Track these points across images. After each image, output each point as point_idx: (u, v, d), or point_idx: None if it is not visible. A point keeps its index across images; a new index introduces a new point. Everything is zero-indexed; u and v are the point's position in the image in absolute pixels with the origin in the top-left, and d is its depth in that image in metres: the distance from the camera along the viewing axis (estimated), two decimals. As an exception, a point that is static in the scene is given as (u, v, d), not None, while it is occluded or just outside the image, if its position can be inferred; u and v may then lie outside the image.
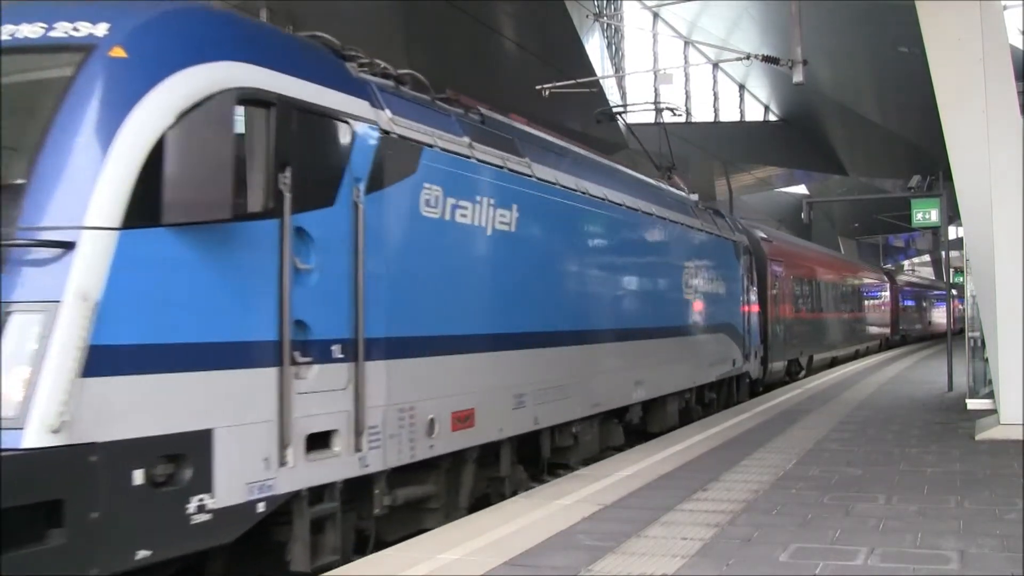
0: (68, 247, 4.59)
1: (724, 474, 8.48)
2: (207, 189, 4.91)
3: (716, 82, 42.82)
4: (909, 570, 5.24)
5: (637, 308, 11.76)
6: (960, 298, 25.13)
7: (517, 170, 8.60)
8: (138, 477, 4.67)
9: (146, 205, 4.84)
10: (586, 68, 23.14)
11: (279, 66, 5.79)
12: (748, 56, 17.13)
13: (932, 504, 7.04)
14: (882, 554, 5.56)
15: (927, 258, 73.40)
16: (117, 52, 5.03)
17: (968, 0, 10.73)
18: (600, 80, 24.78)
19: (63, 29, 5.13)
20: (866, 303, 35.32)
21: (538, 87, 16.90)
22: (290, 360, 5.59)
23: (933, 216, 20.84)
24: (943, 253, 24.35)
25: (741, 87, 44.38)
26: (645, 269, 12.24)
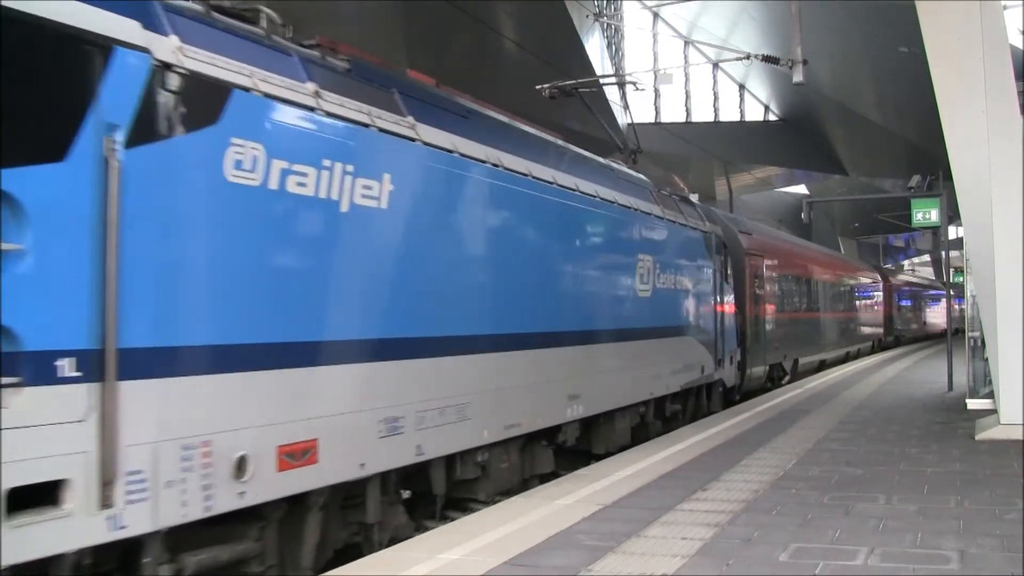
0: None
1: (724, 474, 8.48)
2: None
3: (716, 82, 42.79)
4: (909, 570, 5.24)
5: (573, 308, 9.94)
6: (958, 298, 25.13)
7: (392, 131, 6.85)
8: None
9: None
10: (586, 68, 23.13)
11: None
12: (748, 56, 17.14)
13: (932, 504, 7.04)
14: (882, 554, 5.56)
15: (927, 258, 73.37)
16: None
17: (968, 0, 10.73)
18: (600, 80, 24.78)
19: None
20: (857, 303, 33.50)
21: (538, 87, 16.89)
22: None
23: (933, 216, 20.83)
24: (943, 253, 24.35)
25: (741, 87, 44.36)
26: (585, 261, 10.37)
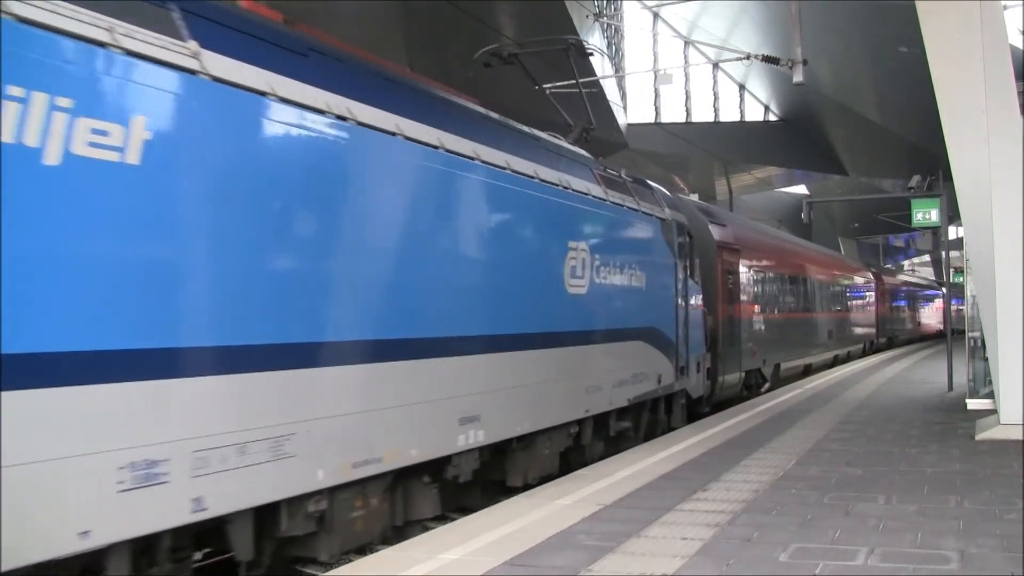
0: None
1: (724, 474, 8.48)
2: None
3: (716, 82, 42.77)
4: (909, 570, 5.24)
5: (468, 308, 7.83)
6: (955, 299, 25.10)
7: (152, 56, 4.96)
8: None
9: None
10: (586, 68, 23.10)
11: None
12: (748, 56, 17.15)
13: (932, 504, 7.04)
14: (882, 554, 5.56)
15: (927, 258, 73.38)
16: None
17: (968, 0, 10.73)
18: (600, 80, 24.78)
19: None
20: (847, 302, 31.37)
21: (538, 87, 16.86)
22: None
23: (933, 216, 20.81)
24: (943, 253, 24.34)
25: (741, 87, 44.35)
26: (487, 249, 8.20)
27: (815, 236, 43.49)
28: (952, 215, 19.89)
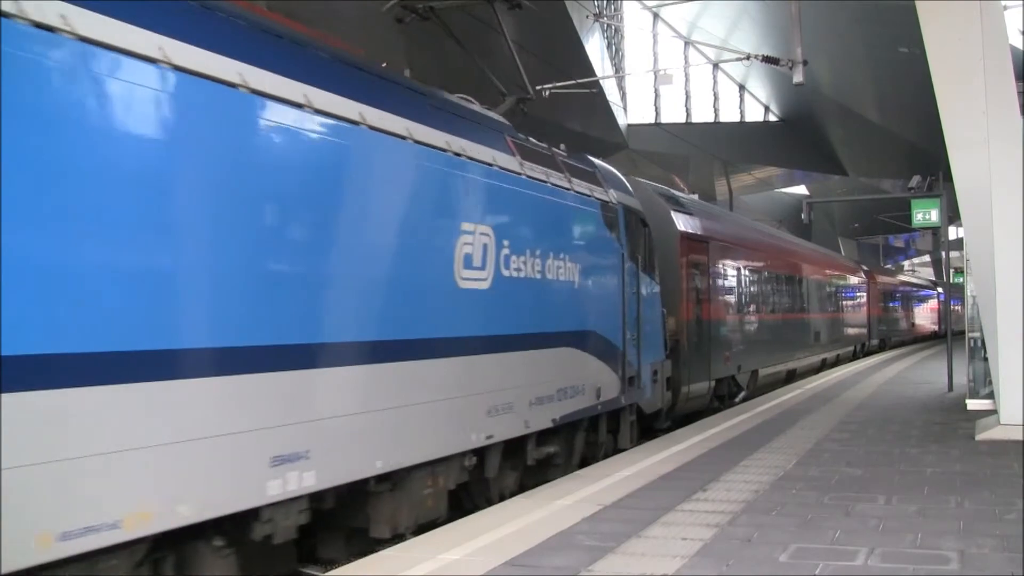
0: None
1: (724, 474, 8.48)
2: None
3: (716, 82, 42.80)
4: (909, 570, 5.24)
5: (288, 306, 5.74)
6: (954, 299, 25.11)
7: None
8: None
9: None
10: (586, 68, 23.14)
11: None
12: (748, 56, 17.14)
13: (932, 504, 7.04)
14: (882, 554, 5.56)
15: (927, 258, 73.43)
16: None
17: (968, 0, 10.73)
18: (600, 80, 24.80)
19: None
20: (835, 302, 29.27)
21: (538, 87, 16.90)
22: None
23: (933, 216, 20.83)
24: (943, 253, 24.35)
25: (741, 87, 44.36)
26: (324, 229, 6.11)
27: (815, 237, 43.51)
28: (952, 215, 19.94)
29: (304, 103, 5.96)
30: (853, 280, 32.99)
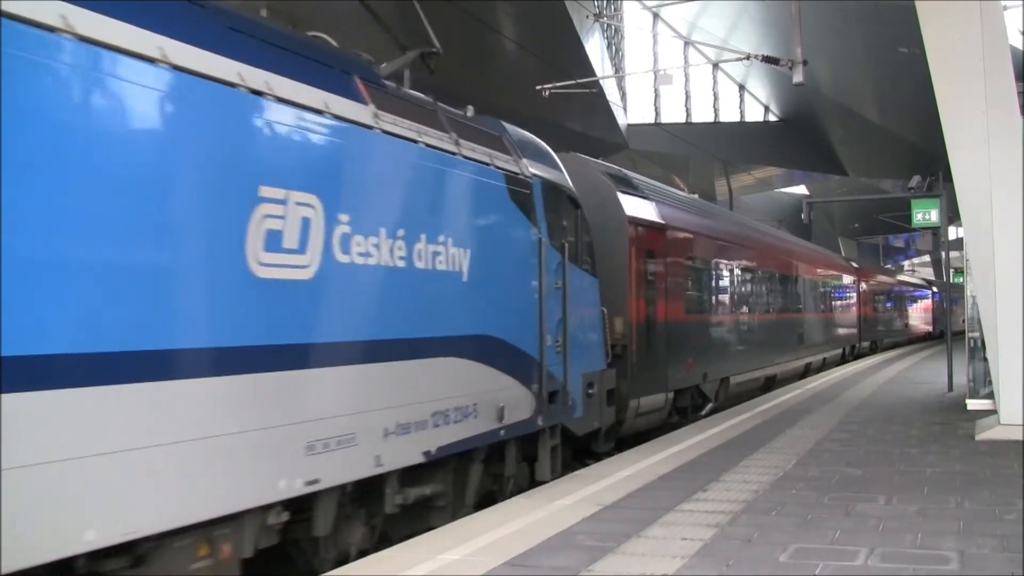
0: None
1: (724, 475, 8.48)
2: None
3: (716, 82, 42.82)
4: (909, 570, 5.24)
5: None
6: (951, 297, 25.11)
7: None
8: None
9: None
10: (586, 68, 23.15)
11: None
12: (748, 56, 17.15)
13: (932, 504, 7.04)
14: (882, 554, 5.56)
15: (927, 258, 73.49)
16: None
17: (968, 0, 10.73)
18: (600, 80, 24.81)
19: None
20: (821, 302, 26.83)
21: (538, 87, 16.91)
22: None
23: (933, 216, 20.83)
24: (943, 253, 24.36)
25: (741, 87, 44.39)
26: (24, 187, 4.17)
27: (815, 236, 43.54)
28: (952, 215, 19.93)
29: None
30: (841, 277, 30.63)
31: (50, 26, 4.33)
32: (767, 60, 15.25)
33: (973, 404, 13.53)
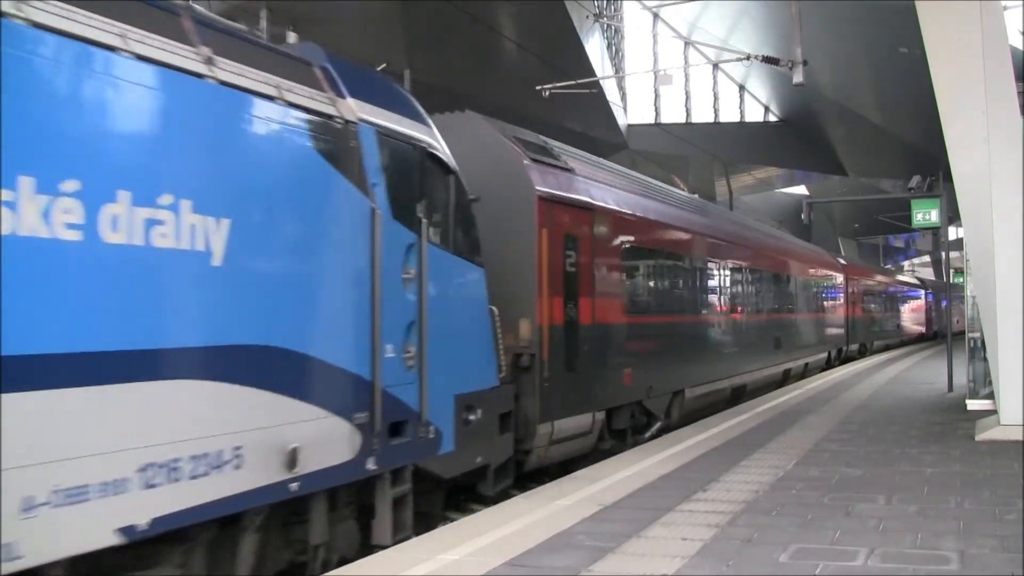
0: None
1: (724, 475, 8.48)
2: None
3: (716, 82, 42.82)
4: (909, 570, 5.24)
5: None
6: (947, 298, 25.09)
7: None
8: None
9: None
10: (586, 68, 23.17)
11: None
12: (748, 56, 17.16)
13: (932, 504, 7.04)
14: (882, 554, 5.56)
15: (927, 258, 73.53)
16: None
17: (968, 0, 10.73)
18: (600, 80, 24.82)
19: None
20: (804, 300, 24.22)
21: (538, 87, 16.91)
22: None
23: (933, 216, 20.84)
24: (943, 254, 24.37)
25: (741, 88, 44.39)
26: None
27: (815, 237, 43.53)
28: (952, 215, 19.93)
29: None
30: (827, 275, 27.68)
31: None
32: (767, 60, 15.26)
33: (973, 404, 13.53)
